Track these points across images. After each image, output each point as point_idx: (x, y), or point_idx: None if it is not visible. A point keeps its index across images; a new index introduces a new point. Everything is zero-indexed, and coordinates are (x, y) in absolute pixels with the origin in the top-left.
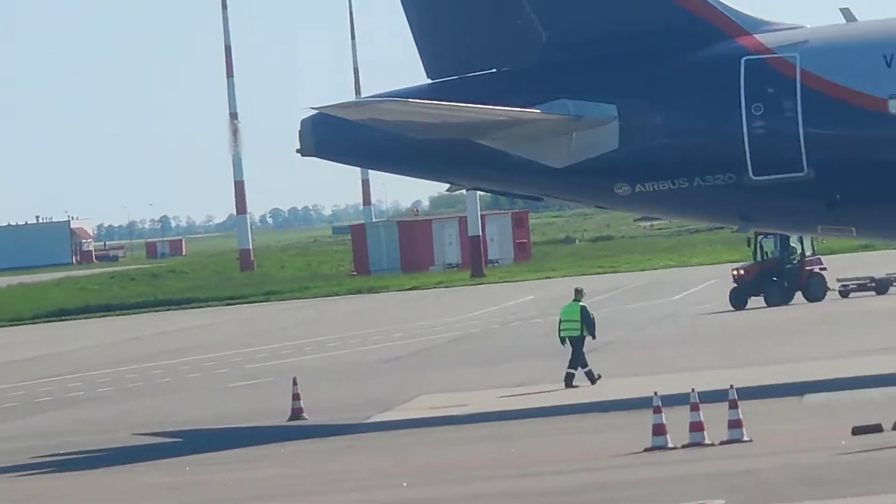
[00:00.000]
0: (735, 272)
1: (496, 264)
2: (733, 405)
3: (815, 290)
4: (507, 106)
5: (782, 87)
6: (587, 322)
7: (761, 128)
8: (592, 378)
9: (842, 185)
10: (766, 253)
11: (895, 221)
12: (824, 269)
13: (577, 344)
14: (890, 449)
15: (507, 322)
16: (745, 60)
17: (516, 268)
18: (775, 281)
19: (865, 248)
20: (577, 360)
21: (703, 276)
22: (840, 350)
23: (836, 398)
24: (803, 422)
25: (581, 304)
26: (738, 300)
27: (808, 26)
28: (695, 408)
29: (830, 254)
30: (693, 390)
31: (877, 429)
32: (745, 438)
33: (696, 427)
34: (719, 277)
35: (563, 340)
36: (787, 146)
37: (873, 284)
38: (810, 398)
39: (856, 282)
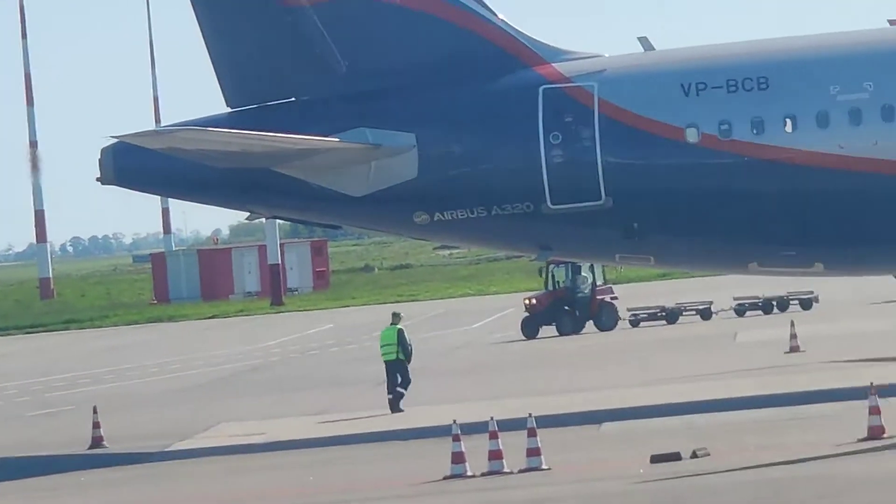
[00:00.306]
0: (527, 301)
1: (295, 293)
2: (532, 433)
3: (606, 319)
4: (307, 135)
5: (580, 116)
6: (403, 346)
7: (559, 156)
8: (394, 406)
9: (639, 214)
10: (558, 282)
11: (692, 250)
12: (615, 298)
13: (394, 367)
14: (688, 477)
15: (307, 350)
16: (543, 89)
17: (315, 296)
18: (567, 310)
19: (664, 276)
20: (394, 382)
21: (501, 305)
22: (636, 379)
23: (635, 426)
24: (601, 450)
25: (398, 327)
26: (530, 329)
27: (607, 55)
28: (493, 436)
29: (628, 282)
30: (492, 418)
31: (675, 457)
32: (544, 467)
33: (495, 455)
34: (516, 306)
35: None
36: (585, 175)
37: (664, 314)
38: (608, 427)
39: (646, 311)
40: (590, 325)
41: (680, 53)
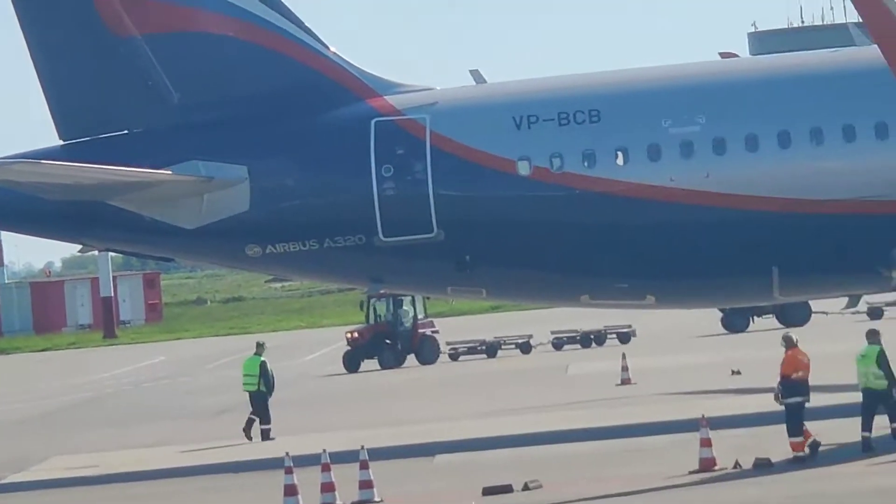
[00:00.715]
0: (349, 335)
1: (128, 325)
2: (364, 466)
3: (427, 352)
4: (140, 167)
5: (412, 149)
6: (264, 377)
7: (391, 189)
8: (248, 434)
9: (471, 247)
10: (380, 316)
11: (523, 283)
12: (436, 331)
13: (256, 398)
14: None
15: (140, 383)
16: (375, 122)
17: (148, 329)
18: (388, 343)
19: (496, 308)
20: (262, 413)
21: (332, 338)
22: (468, 411)
23: (468, 459)
24: (434, 482)
25: (261, 358)
26: (352, 363)
27: (439, 88)
28: (326, 468)
29: (460, 315)
30: (324, 451)
31: (507, 489)
32: (377, 499)
33: (328, 487)
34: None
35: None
36: (417, 207)
37: (483, 347)
38: (441, 458)
39: (466, 345)
40: (411, 358)
41: (512, 86)
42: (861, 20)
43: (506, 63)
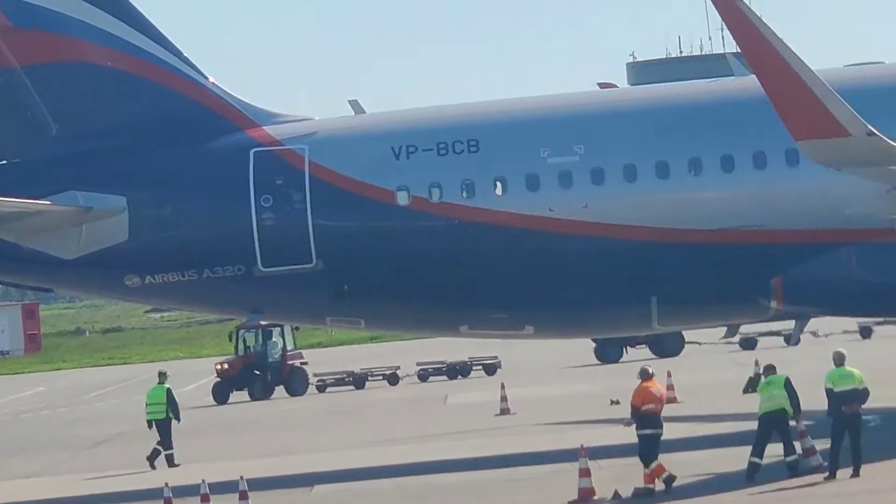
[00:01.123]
0: (218, 366)
1: (6, 356)
2: (244, 496)
3: (296, 384)
4: (18, 197)
5: (291, 179)
6: (171, 404)
7: (270, 219)
8: (152, 463)
9: (350, 277)
10: (249, 347)
11: (402, 313)
12: (305, 363)
13: (163, 426)
14: None
15: (18, 414)
16: (255, 152)
17: (27, 359)
18: (258, 375)
19: (374, 339)
20: (167, 442)
21: (210, 368)
22: (343, 442)
23: (347, 489)
24: None
25: (166, 386)
26: (221, 394)
27: (318, 118)
28: (205, 499)
29: (340, 345)
30: (203, 481)
31: None
32: None
33: None
34: None
35: (149, 424)
36: (296, 238)
37: (350, 379)
38: (320, 489)
39: (333, 376)
40: (280, 390)
41: (390, 116)
42: (740, 50)
43: (385, 93)
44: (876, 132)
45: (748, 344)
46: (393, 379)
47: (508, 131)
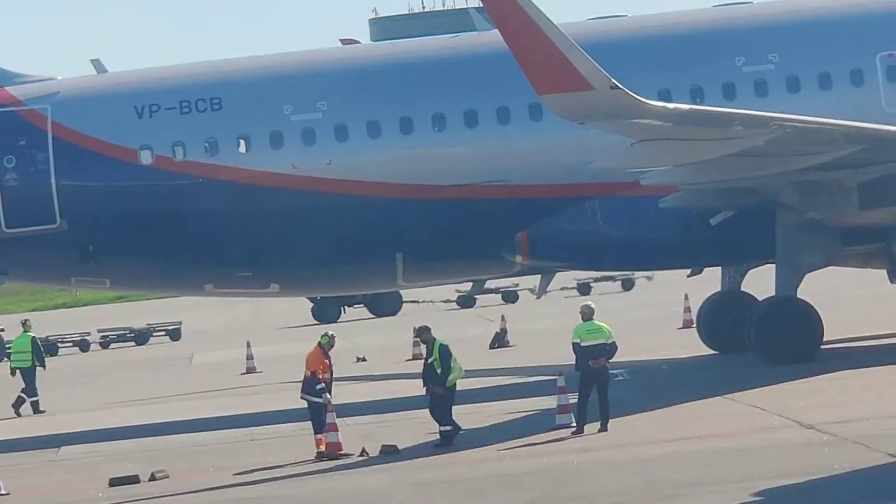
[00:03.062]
0: None
1: None
2: None
3: None
4: None
5: (34, 140)
6: (37, 353)
7: (14, 180)
8: (17, 410)
9: (94, 237)
10: None
11: (147, 273)
12: (1, 329)
13: (27, 374)
14: (147, 500)
15: None
16: None
17: None
18: None
19: (120, 298)
20: (32, 390)
21: None
22: (97, 402)
23: (93, 450)
24: (61, 474)
25: (31, 334)
26: None
27: (60, 78)
28: None
29: (86, 305)
30: None
31: (134, 480)
32: (3, 492)
33: None
34: None
35: (13, 371)
36: (40, 198)
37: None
38: (66, 450)
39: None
40: None
41: (133, 75)
42: (482, 4)
43: (127, 53)
44: (619, 85)
45: (466, 302)
46: (84, 345)
47: (251, 89)
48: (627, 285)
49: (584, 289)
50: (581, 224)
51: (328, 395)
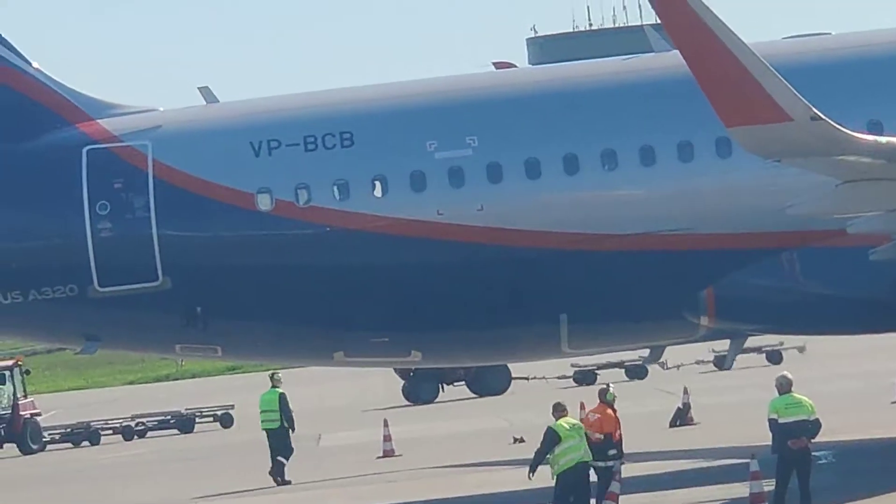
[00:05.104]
0: None
1: None
2: None
3: (33, 438)
4: None
5: (132, 182)
6: (285, 412)
7: (108, 230)
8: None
9: (203, 297)
10: None
11: (264, 338)
12: (38, 413)
13: (275, 436)
14: None
15: None
16: (88, 150)
17: None
18: None
19: (233, 369)
20: (277, 451)
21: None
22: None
23: None
24: None
25: (279, 391)
26: None
27: (162, 109)
28: None
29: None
30: None
31: None
32: None
33: None
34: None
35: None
36: (139, 251)
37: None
38: None
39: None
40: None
41: (249, 106)
42: (659, 20)
43: (239, 80)
44: (822, 116)
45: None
46: (127, 433)
47: (388, 121)
48: (774, 358)
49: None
50: (777, 280)
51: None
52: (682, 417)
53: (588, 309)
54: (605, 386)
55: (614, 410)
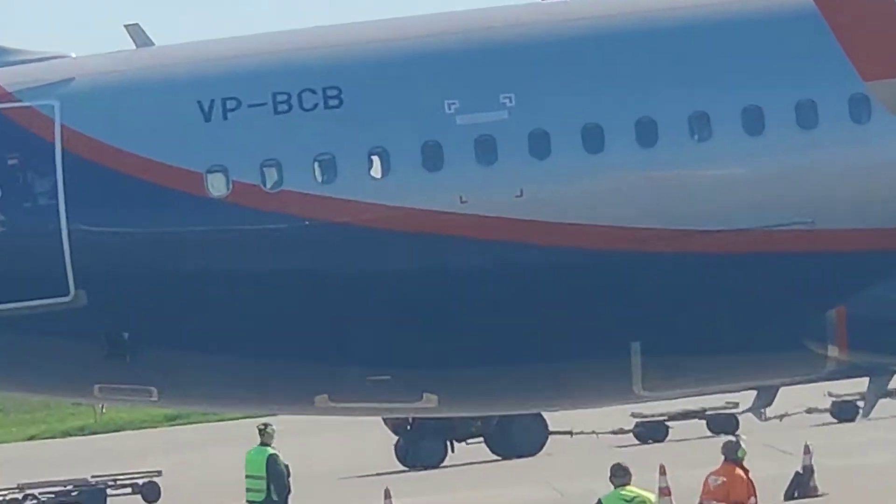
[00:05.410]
0: None
1: None
2: None
3: None
4: None
5: (32, 157)
6: (276, 479)
7: None
8: None
9: (132, 318)
10: None
11: (218, 376)
12: None
13: None
14: None
15: None
16: None
17: None
18: None
19: (173, 419)
20: None
21: None
22: None
23: None
24: None
25: (269, 451)
26: None
27: (74, 55)
28: None
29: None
30: None
31: None
32: None
33: None
34: None
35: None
36: (41, 254)
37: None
38: None
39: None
40: None
41: (195, 50)
42: None
43: (183, 13)
44: None
45: (652, 432)
46: None
47: (390, 73)
48: (842, 413)
49: (841, 412)
50: None
51: None
52: (802, 486)
53: (670, 335)
54: (732, 439)
55: (746, 471)
